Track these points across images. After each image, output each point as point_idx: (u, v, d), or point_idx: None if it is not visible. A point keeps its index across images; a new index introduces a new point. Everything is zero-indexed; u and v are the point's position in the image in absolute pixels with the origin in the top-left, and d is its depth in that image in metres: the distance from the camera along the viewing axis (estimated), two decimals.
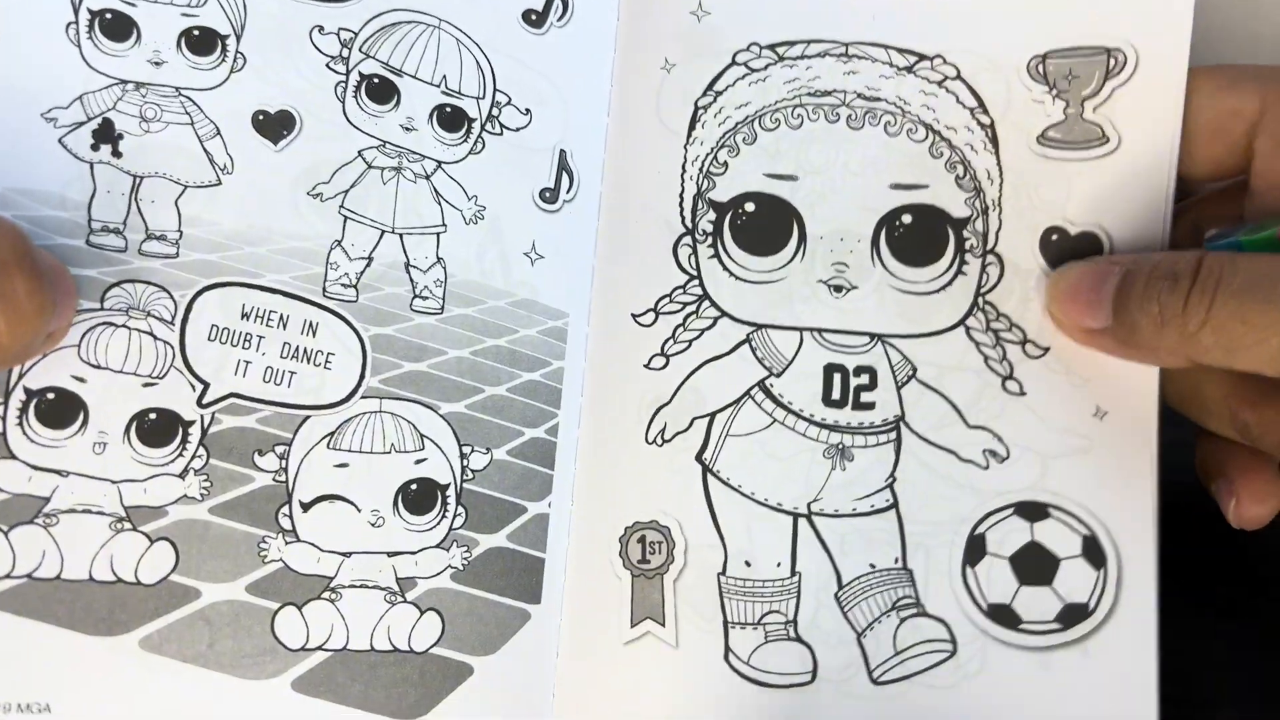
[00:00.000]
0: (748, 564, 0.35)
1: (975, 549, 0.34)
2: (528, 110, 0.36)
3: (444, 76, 0.35)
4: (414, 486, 0.33)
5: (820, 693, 0.34)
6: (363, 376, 0.33)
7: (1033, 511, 0.34)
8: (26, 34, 0.30)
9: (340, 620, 0.32)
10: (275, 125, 0.33)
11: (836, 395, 0.36)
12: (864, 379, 0.36)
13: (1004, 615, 0.34)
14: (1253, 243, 0.32)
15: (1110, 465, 0.34)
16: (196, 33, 0.32)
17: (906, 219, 0.36)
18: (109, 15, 0.31)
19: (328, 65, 0.33)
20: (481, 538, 0.34)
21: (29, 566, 0.29)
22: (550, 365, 0.36)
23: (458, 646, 0.33)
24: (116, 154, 0.31)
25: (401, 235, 0.34)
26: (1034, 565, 0.34)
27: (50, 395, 0.30)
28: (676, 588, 0.35)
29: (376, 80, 0.34)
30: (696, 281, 0.36)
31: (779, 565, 0.35)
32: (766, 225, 0.36)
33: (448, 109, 0.35)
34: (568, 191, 0.37)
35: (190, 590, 0.30)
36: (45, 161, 0.30)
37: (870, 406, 0.36)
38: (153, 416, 0.30)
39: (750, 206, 0.37)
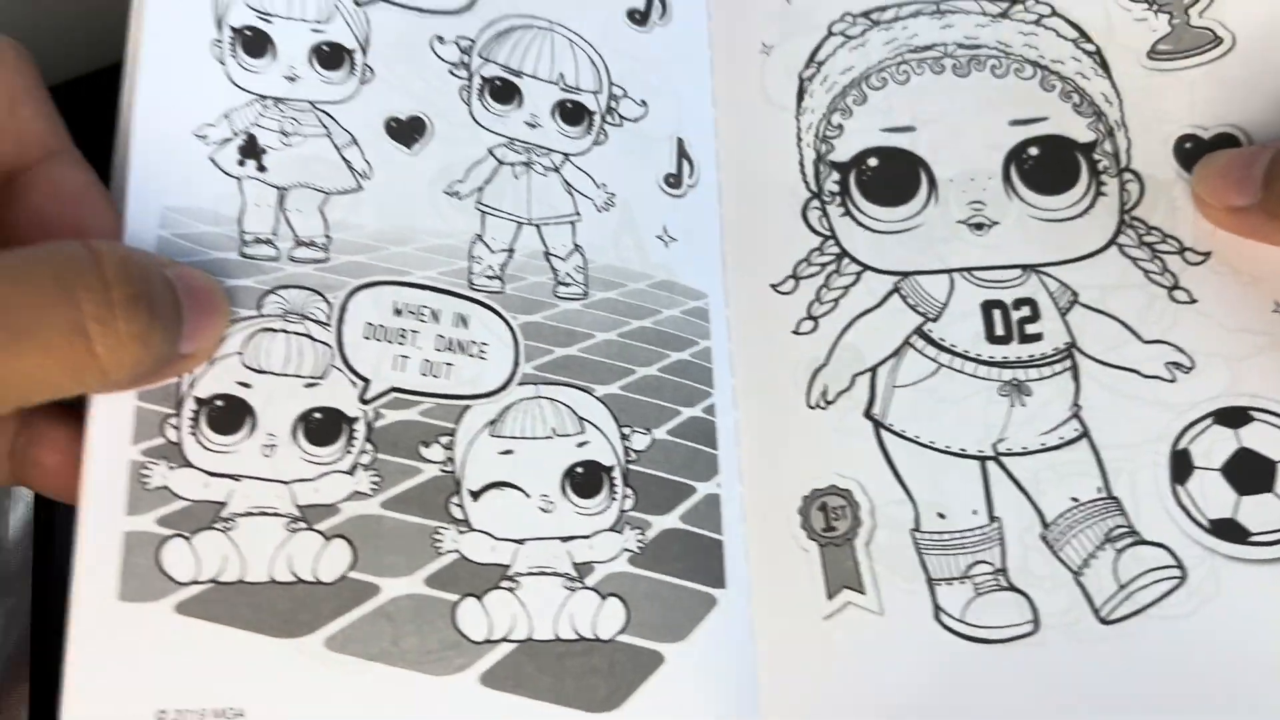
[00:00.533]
0: (941, 516, 0.33)
1: (1181, 465, 0.33)
2: (644, 101, 0.37)
3: (561, 74, 0.36)
4: (579, 469, 0.32)
5: (1046, 642, 0.32)
6: (517, 363, 0.32)
7: (1234, 417, 0.33)
8: (176, 53, 0.31)
9: (522, 609, 0.30)
10: (408, 130, 0.33)
11: (1000, 331, 0.34)
12: (1025, 311, 0.35)
13: (1229, 529, 0.32)
14: None
15: None
16: (326, 48, 0.33)
17: (1033, 151, 0.36)
18: (249, 32, 0.32)
19: (450, 71, 0.34)
20: (654, 519, 0.33)
21: (213, 571, 0.28)
22: (697, 345, 0.35)
23: (645, 633, 0.31)
24: (261, 168, 0.31)
25: (538, 226, 0.34)
26: (1249, 472, 0.32)
27: (219, 402, 0.29)
28: (870, 551, 0.33)
29: (499, 82, 0.35)
30: (831, 241, 0.36)
31: (975, 513, 0.33)
32: (893, 176, 0.36)
33: (568, 104, 0.36)
34: (690, 177, 0.37)
35: (369, 586, 0.29)
36: (198, 179, 0.31)
37: (1038, 338, 0.34)
38: (318, 416, 0.30)
39: (873, 161, 0.36)
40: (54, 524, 0.39)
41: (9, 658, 0.37)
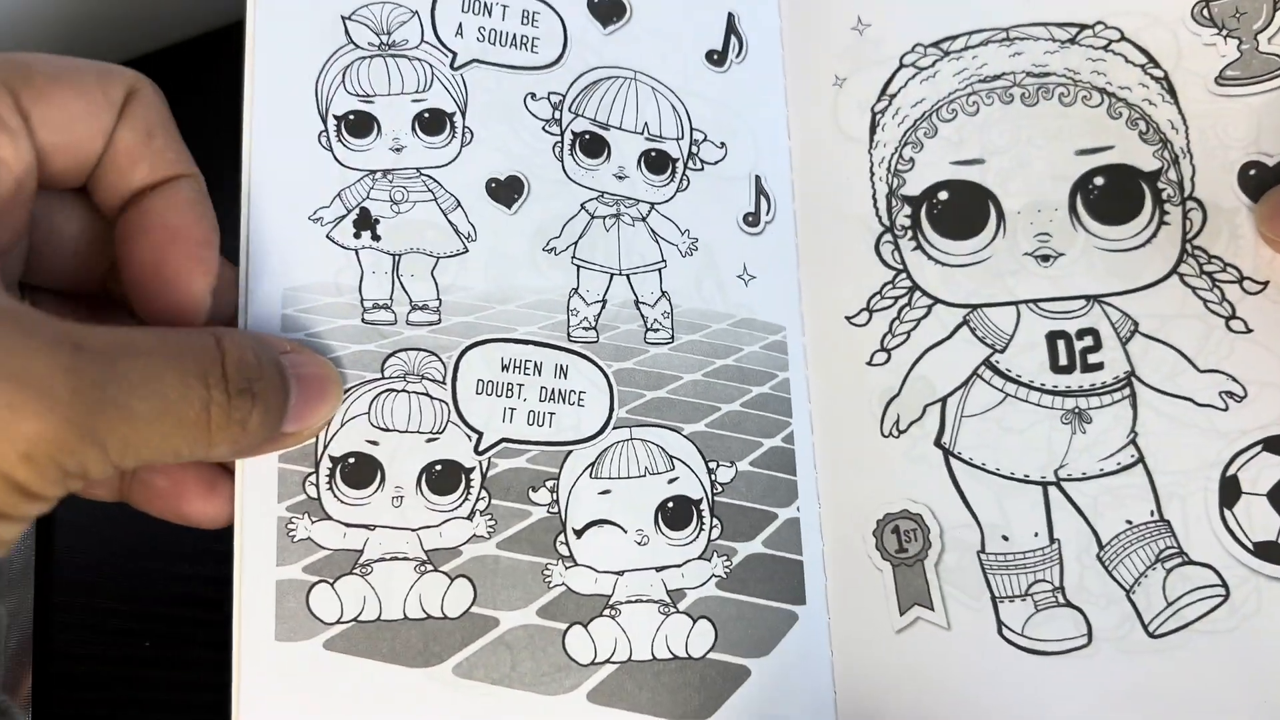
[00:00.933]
0: (1005, 538, 0.36)
1: (1230, 490, 0.35)
2: (723, 144, 0.39)
3: (645, 124, 0.38)
4: (670, 504, 0.35)
5: (1099, 654, 0.34)
6: (612, 409, 0.36)
7: None
8: (286, 149, 0.34)
9: (622, 634, 0.34)
10: (507, 190, 0.36)
11: (1064, 361, 0.36)
12: (1088, 341, 0.36)
13: (1272, 552, 0.34)
14: None
15: None
16: (427, 115, 0.35)
17: (1099, 181, 0.37)
18: (352, 116, 0.35)
19: (544, 128, 0.37)
20: (739, 546, 0.36)
21: (354, 612, 0.32)
22: (776, 377, 0.38)
23: (732, 650, 0.35)
24: (375, 238, 0.34)
25: (628, 275, 0.37)
26: None
27: (351, 460, 0.33)
28: (939, 571, 0.36)
29: (588, 136, 0.37)
30: (904, 275, 0.38)
31: (1036, 535, 0.36)
32: (963, 209, 0.38)
33: (653, 153, 0.38)
34: (767, 214, 0.39)
35: (490, 619, 0.33)
36: (318, 256, 0.34)
37: (1099, 367, 0.36)
38: (439, 468, 0.34)
39: (944, 195, 0.38)
40: (54, 527, 0.42)
41: (11, 657, 0.39)
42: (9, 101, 0.28)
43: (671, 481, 0.36)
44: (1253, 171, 0.36)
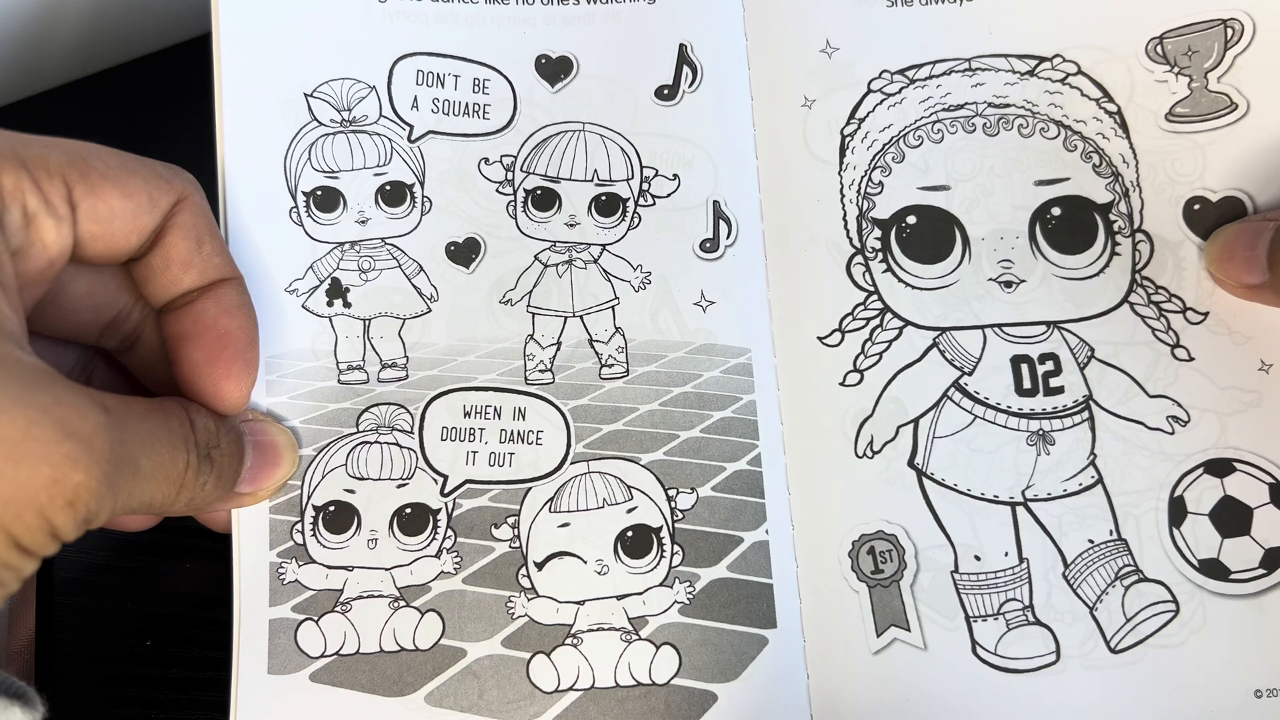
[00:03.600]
0: (977, 558, 0.36)
1: (1177, 510, 0.35)
2: (675, 175, 0.40)
3: (595, 171, 0.39)
4: (629, 533, 0.37)
5: (1066, 670, 0.35)
6: (569, 445, 0.37)
7: (1220, 467, 0.35)
8: (261, 225, 0.38)
9: (585, 662, 0.36)
10: (465, 251, 0.39)
11: (1028, 384, 0.37)
12: (1049, 365, 0.37)
13: (1214, 568, 0.35)
14: None
15: None
16: (389, 187, 0.39)
17: (1056, 211, 0.37)
18: (320, 192, 0.39)
19: (497, 190, 0.39)
20: (702, 571, 0.37)
21: (336, 646, 0.36)
22: (740, 400, 0.38)
23: (697, 675, 0.36)
24: (347, 305, 0.38)
25: (582, 316, 0.38)
26: (1231, 517, 0.35)
27: (331, 508, 0.37)
28: (915, 591, 0.36)
29: (540, 191, 0.39)
30: (875, 296, 0.38)
31: (1006, 555, 0.36)
32: (930, 234, 0.38)
33: (603, 197, 0.39)
34: (727, 237, 0.39)
35: (458, 650, 0.36)
36: (295, 325, 0.38)
37: (1060, 390, 0.36)
38: (408, 511, 0.37)
39: (912, 219, 0.38)
40: None
41: (11, 656, 0.40)
42: (62, 191, 0.31)
43: (630, 511, 0.37)
44: (1197, 206, 0.37)
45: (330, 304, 0.38)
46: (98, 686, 0.41)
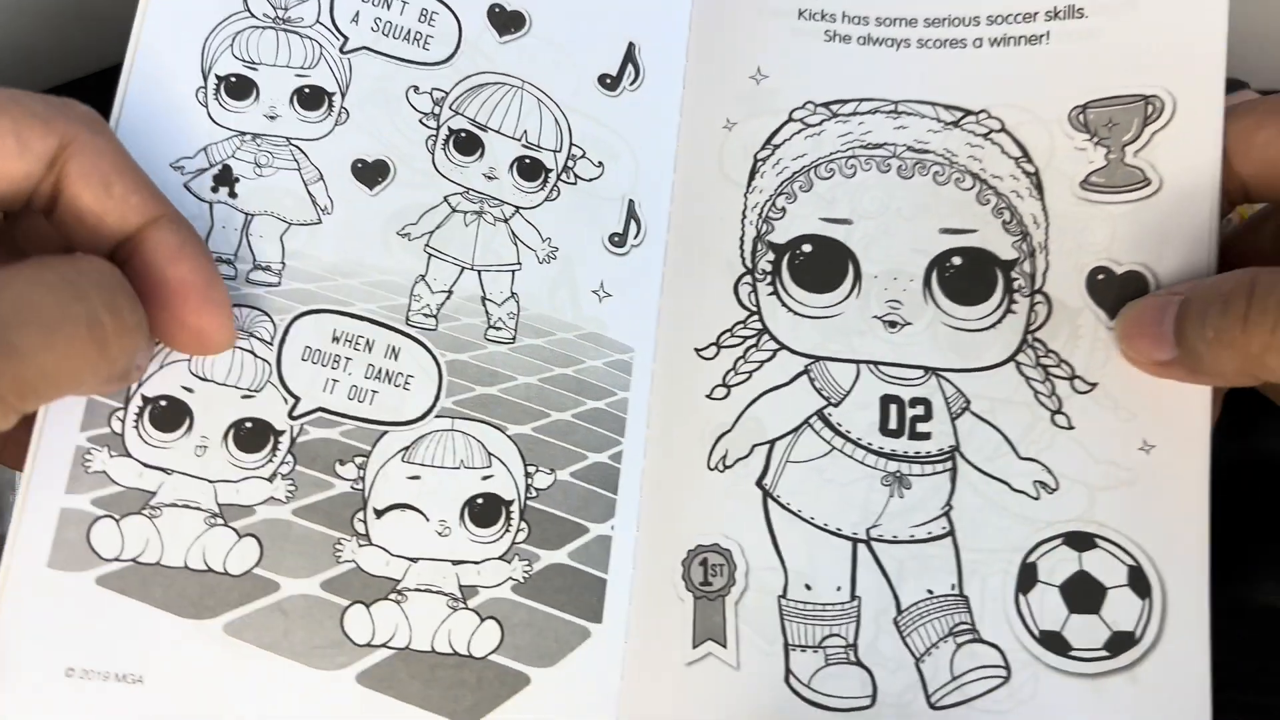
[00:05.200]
0: (808, 587, 0.36)
1: (1027, 577, 0.35)
2: (600, 163, 0.39)
3: (525, 131, 0.39)
4: (480, 500, 0.35)
5: (880, 716, 0.34)
6: (438, 397, 0.36)
7: (1081, 541, 0.35)
8: (162, 98, 0.35)
9: (405, 621, 0.34)
10: (372, 173, 0.37)
11: (894, 425, 0.37)
12: (919, 410, 0.37)
13: (1055, 642, 0.34)
14: None
15: (1156, 498, 0.34)
16: (308, 90, 0.36)
17: (956, 261, 0.38)
18: (234, 79, 0.36)
19: (421, 120, 0.38)
20: (543, 553, 0.36)
21: (135, 551, 0.32)
22: (615, 395, 0.38)
23: (516, 655, 0.35)
24: (233, 195, 0.35)
25: (480, 272, 0.37)
26: (1082, 593, 0.34)
27: (162, 402, 0.33)
28: (738, 610, 0.36)
29: (464, 134, 0.38)
30: (756, 317, 0.38)
31: (839, 589, 0.36)
32: (823, 264, 0.38)
33: (527, 160, 0.38)
34: (635, 237, 0.39)
35: (271, 583, 0.33)
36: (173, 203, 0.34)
37: (926, 436, 0.36)
38: (249, 425, 0.34)
39: (807, 248, 0.39)
40: None
41: None
42: None
43: (486, 479, 0.36)
44: (1101, 276, 0.37)
45: (215, 190, 0.35)
46: None
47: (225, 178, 0.35)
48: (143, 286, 0.31)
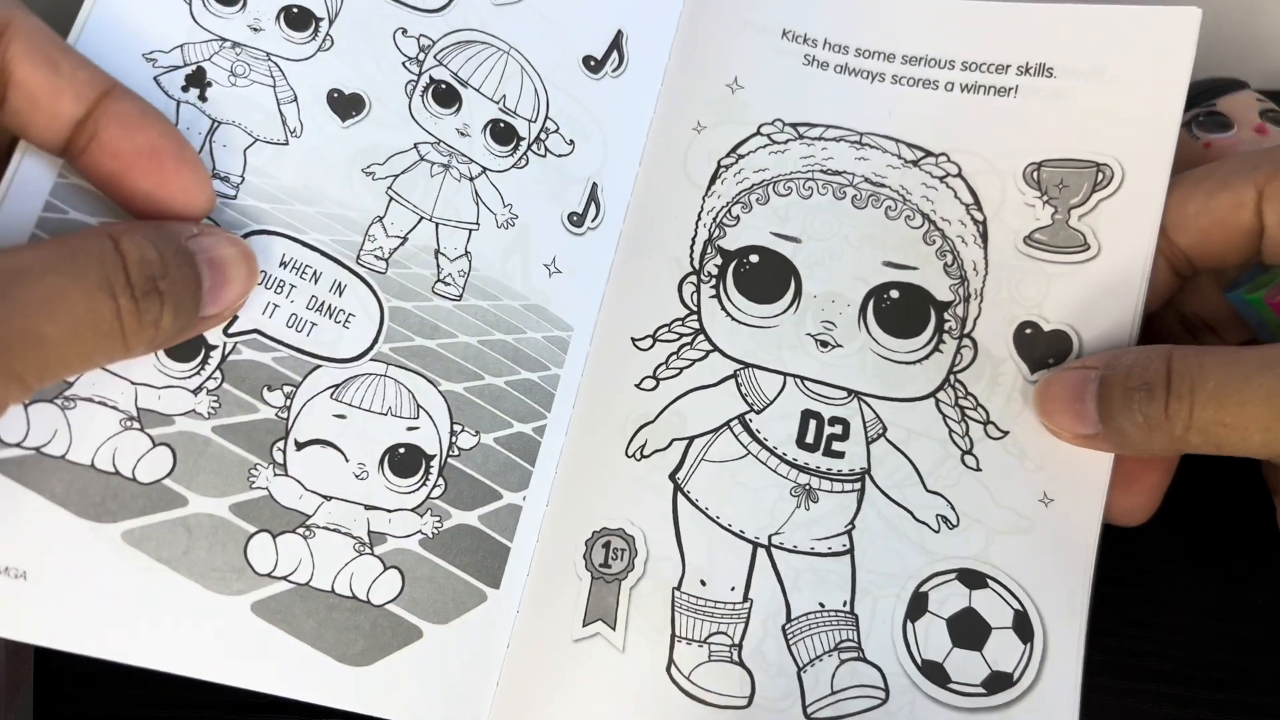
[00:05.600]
0: (703, 583, 0.37)
1: (918, 605, 0.36)
2: (572, 141, 0.40)
3: (504, 95, 0.39)
4: (401, 450, 0.35)
5: (754, 718, 0.35)
6: (376, 341, 0.36)
7: (973, 579, 0.36)
8: None
9: (309, 557, 0.34)
10: (346, 104, 0.36)
11: (810, 439, 0.38)
12: (837, 429, 0.38)
13: (936, 672, 0.35)
14: (1250, 300, 0.36)
15: (1048, 549, 0.36)
16: (296, 10, 0.36)
17: (894, 294, 0.39)
18: None
19: (403, 64, 0.37)
20: (455, 512, 0.36)
21: (40, 440, 0.31)
22: (548, 370, 0.38)
23: (412, 609, 0.35)
24: (202, 98, 0.34)
25: (437, 224, 0.37)
26: (968, 629, 0.36)
27: None
28: (632, 595, 0.37)
29: (444, 86, 0.38)
30: (695, 316, 0.39)
31: (733, 589, 0.37)
32: (767, 276, 0.40)
33: (501, 124, 0.39)
34: (593, 220, 0.40)
35: (179, 497, 0.32)
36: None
37: (840, 455, 0.38)
38: None
39: (754, 258, 0.40)
40: None
41: (11, 651, 0.38)
42: None
43: (411, 429, 0.36)
44: (1028, 330, 0.38)
45: (185, 90, 0.34)
46: (99, 682, 0.40)
47: (198, 79, 0.34)
48: (115, 163, 0.30)
